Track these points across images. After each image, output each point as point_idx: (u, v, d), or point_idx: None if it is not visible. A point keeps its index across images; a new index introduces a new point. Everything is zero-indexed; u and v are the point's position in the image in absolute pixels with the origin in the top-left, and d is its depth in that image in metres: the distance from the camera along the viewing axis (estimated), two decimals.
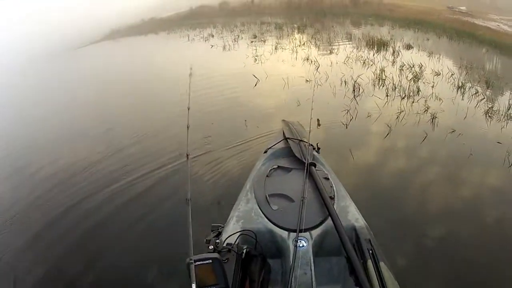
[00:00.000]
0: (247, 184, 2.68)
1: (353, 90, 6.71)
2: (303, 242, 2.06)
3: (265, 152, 3.13)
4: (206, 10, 25.36)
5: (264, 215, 2.29)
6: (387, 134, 5.05)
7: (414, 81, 7.01)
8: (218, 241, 1.96)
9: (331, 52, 10.11)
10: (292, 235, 2.10)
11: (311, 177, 2.58)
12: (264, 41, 12.06)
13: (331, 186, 2.57)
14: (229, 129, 5.38)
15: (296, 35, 13.02)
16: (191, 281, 1.39)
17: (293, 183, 2.57)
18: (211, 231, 2.24)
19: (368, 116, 5.61)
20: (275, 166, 2.84)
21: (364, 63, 8.58)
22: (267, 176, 2.70)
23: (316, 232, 2.16)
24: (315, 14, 19.25)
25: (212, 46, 11.71)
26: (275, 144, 3.19)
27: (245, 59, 9.55)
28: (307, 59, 9.18)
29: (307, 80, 7.44)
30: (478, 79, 7.31)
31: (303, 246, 2.04)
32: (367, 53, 9.62)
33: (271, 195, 2.45)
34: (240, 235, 2.10)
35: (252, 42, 11.97)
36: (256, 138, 4.96)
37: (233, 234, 2.10)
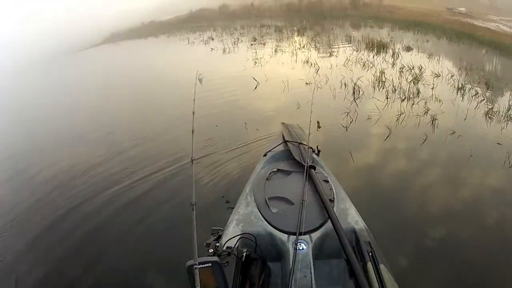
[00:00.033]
0: (247, 187, 2.68)
1: (353, 93, 6.71)
2: (303, 245, 2.06)
3: (265, 155, 3.13)
4: (206, 13, 25.41)
5: (264, 218, 2.29)
6: (387, 137, 5.05)
7: (414, 83, 7.01)
8: (218, 245, 1.96)
9: (331, 55, 10.12)
10: (292, 238, 2.10)
11: (311, 180, 2.58)
12: (264, 44, 12.07)
13: (331, 189, 2.57)
14: (229, 132, 5.37)
15: (296, 38, 13.05)
16: (195, 285, 1.40)
17: (293, 186, 2.57)
18: (211, 235, 2.25)
19: (368, 119, 5.61)
20: (275, 169, 2.84)
21: (364, 66, 8.58)
22: (267, 179, 2.70)
23: (316, 235, 2.16)
24: (315, 17, 19.28)
25: (212, 49, 11.73)
26: (275, 147, 3.19)
27: (245, 62, 9.55)
28: (307, 62, 9.18)
29: (307, 83, 7.44)
30: (478, 80, 7.33)
31: (303, 249, 2.04)
32: (367, 55, 9.63)
33: (271, 198, 2.45)
34: (240, 239, 2.11)
35: (252, 45, 11.98)
36: (256, 141, 4.95)
37: (233, 238, 2.10)
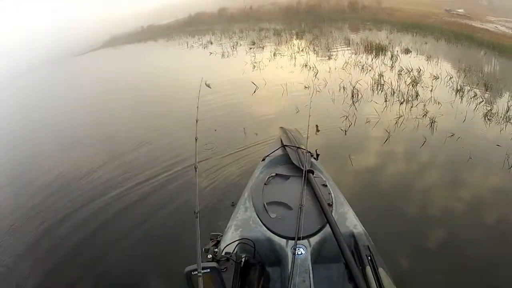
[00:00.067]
0: (245, 193, 2.67)
1: (352, 96, 6.72)
2: (302, 250, 2.06)
3: (263, 160, 3.12)
4: (205, 17, 25.50)
5: (263, 223, 2.29)
6: (386, 140, 5.04)
7: (413, 86, 7.02)
8: (217, 250, 1.96)
9: (330, 58, 10.15)
10: (291, 243, 2.09)
11: (309, 184, 2.58)
12: (263, 48, 12.12)
13: (329, 193, 2.57)
14: (228, 137, 5.37)
15: (295, 41, 13.08)
16: None
17: (291, 191, 2.56)
18: (210, 240, 2.25)
19: (367, 122, 5.61)
20: (273, 174, 2.83)
21: (363, 69, 8.59)
22: (265, 184, 2.70)
23: (315, 240, 2.15)
24: (314, 20, 19.33)
25: (211, 53, 11.77)
26: (273, 152, 3.18)
27: (244, 66, 9.58)
28: (306, 65, 9.20)
29: (306, 87, 7.45)
30: (477, 82, 7.33)
31: (302, 254, 2.04)
32: (366, 58, 9.64)
33: (269, 203, 2.45)
34: (239, 244, 2.10)
35: (251, 49, 12.03)
36: (255, 145, 4.95)
37: (232, 243, 2.10)
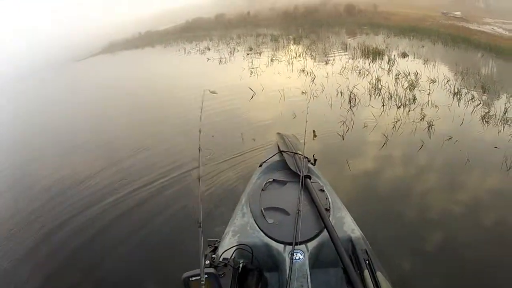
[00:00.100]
0: (243, 198, 2.68)
1: (349, 101, 6.72)
2: (299, 255, 2.06)
3: (260, 166, 3.13)
4: (203, 23, 25.64)
5: (260, 229, 2.29)
6: (384, 144, 5.05)
7: (410, 90, 7.03)
8: (214, 256, 1.95)
9: (327, 63, 10.18)
10: (288, 248, 2.09)
11: (307, 190, 2.58)
12: (260, 53, 12.17)
13: (327, 198, 2.57)
14: (226, 142, 5.36)
15: (292, 47, 13.15)
16: None
17: (289, 196, 2.56)
18: (207, 246, 2.24)
19: (365, 127, 5.61)
20: (270, 180, 2.83)
21: (360, 73, 8.61)
22: (262, 190, 2.70)
23: (312, 244, 2.15)
24: (311, 25, 19.43)
25: (209, 59, 11.82)
26: (270, 158, 3.19)
27: (241, 72, 9.62)
28: (303, 71, 9.23)
29: (303, 92, 7.47)
30: (474, 84, 7.34)
31: (299, 259, 2.04)
32: (363, 63, 9.67)
33: (267, 209, 2.45)
34: (236, 250, 2.10)
35: (248, 55, 12.08)
36: (253, 151, 4.96)
37: (229, 249, 2.10)
